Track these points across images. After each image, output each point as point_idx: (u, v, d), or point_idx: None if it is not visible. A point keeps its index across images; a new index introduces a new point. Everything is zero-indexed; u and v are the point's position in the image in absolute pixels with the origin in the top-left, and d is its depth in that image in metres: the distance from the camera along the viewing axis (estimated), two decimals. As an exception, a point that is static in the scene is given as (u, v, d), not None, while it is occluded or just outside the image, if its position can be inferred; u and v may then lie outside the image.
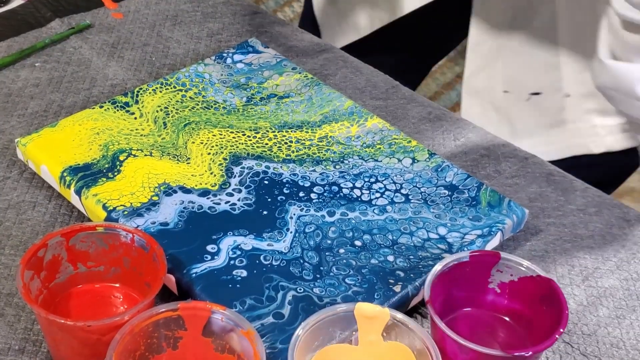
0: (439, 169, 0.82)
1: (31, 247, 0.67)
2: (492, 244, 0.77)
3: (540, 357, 0.67)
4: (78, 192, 0.78)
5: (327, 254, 0.74)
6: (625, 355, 0.73)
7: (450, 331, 0.64)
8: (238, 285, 0.71)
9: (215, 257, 0.73)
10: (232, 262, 0.73)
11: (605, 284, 0.78)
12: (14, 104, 0.92)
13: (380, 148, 0.84)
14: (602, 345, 0.74)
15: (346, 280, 0.72)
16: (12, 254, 0.77)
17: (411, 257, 0.74)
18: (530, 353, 0.64)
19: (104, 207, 0.76)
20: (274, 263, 0.73)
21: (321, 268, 0.73)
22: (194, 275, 0.71)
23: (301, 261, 0.73)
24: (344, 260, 0.74)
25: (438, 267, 0.69)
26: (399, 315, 0.66)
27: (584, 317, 0.76)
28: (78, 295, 0.71)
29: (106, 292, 0.72)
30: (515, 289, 0.71)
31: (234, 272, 0.72)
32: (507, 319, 0.72)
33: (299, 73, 0.93)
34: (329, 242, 0.75)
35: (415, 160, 0.83)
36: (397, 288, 0.72)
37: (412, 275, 0.73)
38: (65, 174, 0.79)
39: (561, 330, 0.65)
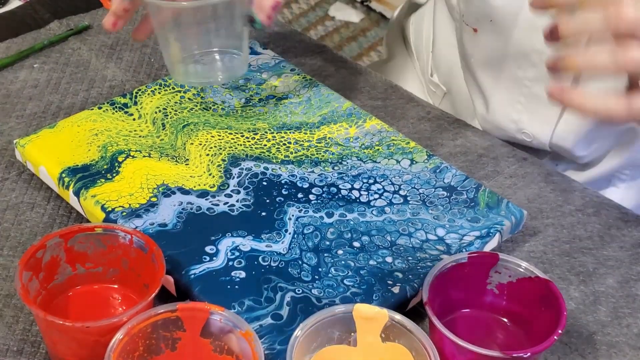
0: (438, 171, 0.82)
1: (30, 248, 0.67)
2: (491, 245, 0.77)
3: (539, 358, 0.67)
4: (77, 193, 0.78)
5: (325, 255, 0.74)
6: (623, 356, 0.73)
7: (449, 332, 0.64)
8: (237, 287, 0.71)
9: (214, 258, 0.73)
10: (230, 263, 0.73)
11: (603, 285, 0.78)
12: (12, 105, 0.92)
13: (378, 149, 0.84)
14: (601, 346, 0.74)
15: (345, 281, 0.72)
16: (10, 255, 0.77)
17: (410, 258, 0.74)
18: (529, 354, 0.64)
19: (103, 208, 0.76)
20: (273, 264, 0.73)
21: (320, 269, 0.73)
22: (192, 276, 0.71)
23: (300, 262, 0.73)
24: (343, 262, 0.74)
25: (436, 268, 0.69)
26: (398, 317, 0.66)
27: (582, 318, 0.76)
28: (76, 296, 0.71)
29: (105, 293, 0.72)
30: (513, 290, 0.71)
31: (232, 273, 0.72)
32: (505, 320, 0.72)
33: (298, 74, 0.93)
34: (327, 243, 0.75)
35: (414, 162, 0.83)
36: (396, 289, 0.72)
37: (410, 276, 0.73)
38: (63, 175, 0.79)
39: (559, 331, 0.65)
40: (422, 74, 1.09)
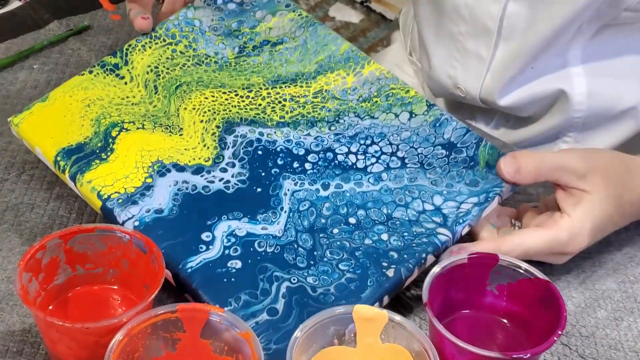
0: (437, 124, 0.80)
1: (29, 249, 0.67)
2: (490, 208, 0.76)
3: (539, 359, 0.67)
4: (73, 178, 0.77)
5: (321, 235, 0.74)
6: (624, 357, 0.73)
7: (449, 333, 0.64)
8: (233, 279, 0.71)
9: (210, 246, 0.72)
10: (226, 251, 0.72)
11: (603, 286, 0.78)
12: (12, 105, 0.92)
13: (377, 102, 0.82)
14: (600, 347, 0.74)
15: (339, 266, 0.72)
16: (10, 255, 0.77)
17: (405, 234, 0.73)
18: (529, 355, 0.64)
19: (99, 195, 0.75)
20: (268, 250, 0.72)
21: (315, 253, 0.72)
22: (189, 270, 0.71)
23: (295, 246, 0.73)
24: (338, 242, 0.73)
25: (436, 269, 0.69)
26: (397, 318, 0.66)
27: (582, 319, 0.76)
28: (76, 297, 0.71)
29: (104, 294, 0.72)
30: (513, 291, 0.71)
31: (228, 264, 0.71)
32: (505, 321, 0.72)
33: (293, 11, 0.89)
34: (323, 221, 0.74)
35: (413, 115, 0.81)
36: (390, 272, 0.71)
37: (405, 255, 0.72)
38: (59, 159, 0.78)
39: (559, 332, 0.65)
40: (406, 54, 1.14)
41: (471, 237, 0.77)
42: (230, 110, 0.82)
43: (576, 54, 0.91)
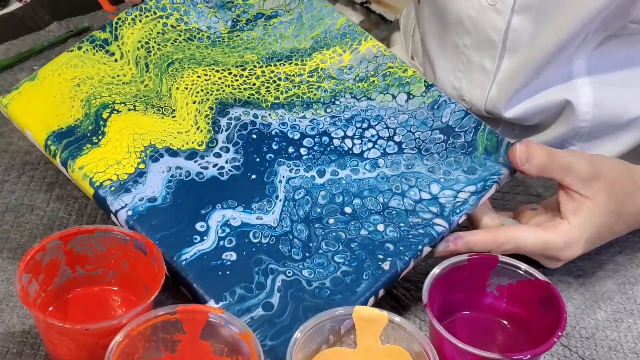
0: (436, 106, 0.79)
1: (29, 250, 0.67)
2: (487, 196, 0.75)
3: (539, 360, 0.67)
4: (64, 164, 0.76)
5: (316, 225, 0.73)
6: (623, 358, 0.73)
7: (449, 334, 0.64)
8: (228, 272, 0.70)
9: (205, 237, 0.72)
10: (221, 242, 0.72)
11: (603, 287, 0.78)
12: (12, 106, 0.92)
13: (373, 82, 0.81)
14: (600, 348, 0.74)
15: (335, 258, 0.71)
16: (10, 257, 0.77)
17: (401, 224, 0.73)
18: (529, 356, 0.64)
19: (91, 183, 0.75)
20: (263, 241, 0.72)
21: (310, 244, 0.72)
22: (184, 262, 0.71)
23: (290, 237, 0.72)
24: (334, 233, 0.73)
25: (436, 270, 0.69)
26: (397, 319, 0.66)
27: (582, 320, 0.76)
28: (76, 298, 0.71)
29: (104, 295, 0.72)
30: (513, 292, 0.71)
31: (223, 256, 0.71)
32: (505, 322, 0.72)
33: None
34: (318, 210, 0.74)
35: (411, 96, 0.79)
36: (386, 265, 0.71)
37: (401, 248, 0.71)
38: (49, 142, 0.77)
39: (559, 333, 0.65)
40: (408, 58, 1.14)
41: (469, 221, 0.77)
42: (223, 90, 0.80)
43: (581, 64, 0.91)
